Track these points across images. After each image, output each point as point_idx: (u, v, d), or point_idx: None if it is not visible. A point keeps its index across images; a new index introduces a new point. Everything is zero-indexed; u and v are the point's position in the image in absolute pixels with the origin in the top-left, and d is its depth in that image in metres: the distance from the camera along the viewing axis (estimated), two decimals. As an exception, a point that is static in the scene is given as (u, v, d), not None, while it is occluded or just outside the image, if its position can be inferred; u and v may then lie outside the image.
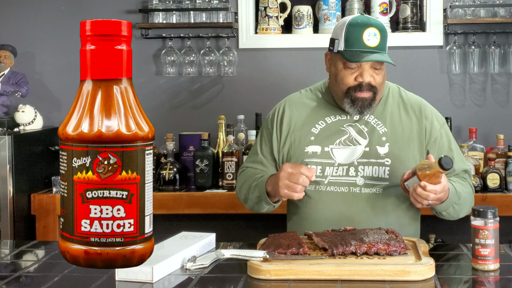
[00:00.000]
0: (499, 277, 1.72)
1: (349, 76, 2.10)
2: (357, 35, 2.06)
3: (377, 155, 2.14)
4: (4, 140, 3.10)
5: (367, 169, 2.14)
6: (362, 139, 2.16)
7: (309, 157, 2.17)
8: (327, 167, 2.15)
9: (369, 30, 2.06)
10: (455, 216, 2.14)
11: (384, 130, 2.17)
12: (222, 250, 1.87)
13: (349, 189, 2.14)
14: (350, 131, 2.17)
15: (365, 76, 2.08)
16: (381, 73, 2.12)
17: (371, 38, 2.06)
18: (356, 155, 2.15)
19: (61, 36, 3.60)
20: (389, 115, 2.19)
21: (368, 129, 2.17)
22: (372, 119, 2.18)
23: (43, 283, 1.71)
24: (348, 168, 2.14)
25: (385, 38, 2.10)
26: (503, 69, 3.43)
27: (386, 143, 2.15)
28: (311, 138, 2.19)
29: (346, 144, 2.16)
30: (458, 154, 2.23)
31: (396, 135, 2.16)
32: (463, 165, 2.22)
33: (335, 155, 2.16)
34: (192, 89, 3.61)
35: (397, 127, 2.17)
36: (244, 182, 2.24)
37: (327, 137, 2.18)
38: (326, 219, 2.13)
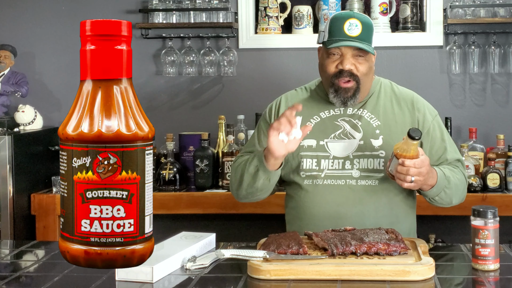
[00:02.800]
0: (499, 277, 1.72)
1: (331, 63, 2.17)
2: (339, 26, 2.15)
3: (372, 148, 2.19)
4: (4, 140, 3.10)
5: (362, 161, 2.18)
6: (356, 133, 2.21)
7: (305, 150, 2.21)
8: (322, 160, 2.19)
9: (350, 21, 2.14)
10: (447, 201, 2.16)
11: (377, 123, 2.21)
12: (222, 250, 1.87)
13: (346, 181, 2.18)
14: (344, 126, 2.22)
15: (345, 63, 2.14)
16: (365, 63, 2.16)
17: (352, 28, 2.14)
18: (351, 149, 2.19)
19: (61, 36, 3.60)
20: (382, 109, 2.23)
21: (362, 123, 2.21)
22: (366, 113, 2.23)
23: (43, 283, 1.71)
24: (344, 162, 2.19)
25: (368, 30, 2.16)
26: (503, 69, 3.43)
27: (380, 136, 2.19)
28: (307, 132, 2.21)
29: (340, 137, 2.21)
30: (451, 144, 2.26)
31: (390, 128, 2.21)
32: (455, 155, 2.25)
33: (330, 149, 2.21)
34: (192, 89, 3.61)
35: (390, 120, 2.21)
36: (238, 165, 2.22)
37: (322, 131, 2.22)
38: (324, 212, 2.17)
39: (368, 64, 2.17)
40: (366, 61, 2.17)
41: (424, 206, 2.36)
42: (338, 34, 2.14)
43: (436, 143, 2.22)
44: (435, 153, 2.22)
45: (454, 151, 2.27)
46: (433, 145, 2.22)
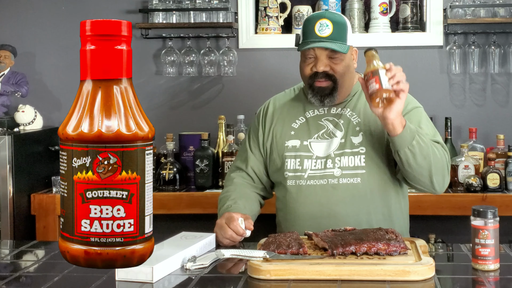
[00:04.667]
0: (499, 277, 1.72)
1: (306, 66, 2.21)
2: (311, 27, 2.17)
3: (352, 145, 2.19)
4: (4, 140, 3.10)
5: (343, 159, 2.18)
6: (338, 132, 2.22)
7: (289, 151, 2.24)
8: (305, 160, 2.21)
9: (320, 21, 2.16)
10: (413, 165, 2.03)
11: (358, 120, 2.22)
12: (222, 250, 1.87)
13: (328, 181, 2.18)
14: (327, 125, 2.24)
15: (318, 65, 2.17)
16: (340, 62, 2.18)
17: (322, 28, 2.15)
18: (333, 148, 2.20)
19: (61, 36, 3.60)
20: (363, 106, 2.24)
21: (343, 121, 2.23)
22: (348, 111, 2.25)
23: (43, 283, 1.71)
24: (326, 161, 2.19)
25: (341, 29, 2.16)
26: (503, 69, 3.43)
27: (360, 133, 2.20)
28: (291, 132, 2.27)
29: (324, 137, 2.22)
30: (430, 129, 2.17)
31: (369, 124, 2.21)
32: (433, 137, 2.14)
33: (313, 149, 2.22)
34: (192, 89, 3.61)
35: (370, 116, 2.21)
36: (221, 198, 2.30)
37: (306, 131, 2.25)
38: (308, 212, 2.18)
39: (344, 63, 2.18)
40: (342, 60, 2.18)
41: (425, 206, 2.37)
42: (310, 35, 2.16)
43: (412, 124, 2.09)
44: None
45: (433, 135, 2.16)
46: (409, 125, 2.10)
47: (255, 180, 2.33)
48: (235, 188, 2.29)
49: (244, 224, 2.05)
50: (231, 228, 2.03)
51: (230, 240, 2.04)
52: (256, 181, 2.34)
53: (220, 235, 2.05)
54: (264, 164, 2.33)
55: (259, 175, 2.33)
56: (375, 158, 2.18)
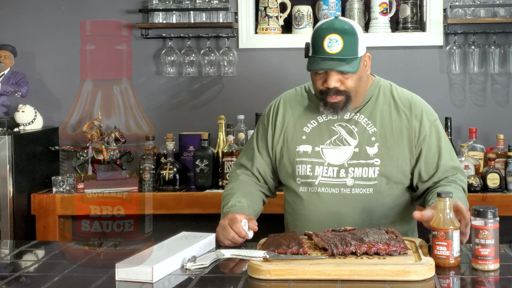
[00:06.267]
0: (499, 277, 1.72)
1: (318, 80, 2.14)
2: (319, 42, 2.08)
3: (367, 156, 2.16)
4: (4, 140, 3.10)
5: (357, 170, 2.16)
6: (352, 140, 2.18)
7: (300, 156, 2.20)
8: (317, 166, 2.18)
9: (330, 37, 2.06)
10: None
11: (374, 130, 2.18)
12: (222, 250, 1.87)
13: (340, 190, 2.16)
14: (340, 131, 2.19)
15: (330, 82, 2.10)
16: (351, 77, 2.10)
17: (332, 44, 2.06)
18: (346, 157, 2.17)
19: (61, 36, 3.60)
20: (379, 115, 2.20)
21: (358, 129, 2.19)
22: (363, 118, 2.20)
23: (43, 283, 1.71)
24: (339, 170, 2.16)
25: (351, 42, 2.07)
26: (503, 69, 3.43)
27: (376, 143, 2.17)
28: (303, 137, 2.22)
29: (336, 144, 2.19)
30: (447, 151, 2.21)
31: (386, 135, 2.17)
32: (451, 162, 2.20)
33: (325, 155, 2.19)
34: (192, 89, 3.61)
35: (386, 127, 2.18)
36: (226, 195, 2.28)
37: (318, 136, 2.20)
38: (319, 220, 2.17)
39: (356, 76, 2.11)
40: (354, 74, 2.10)
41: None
42: (319, 51, 2.08)
43: (432, 150, 2.18)
44: (431, 160, 2.18)
45: (450, 158, 2.21)
46: (429, 151, 2.18)
47: (260, 180, 2.32)
48: (240, 186, 2.27)
49: (247, 226, 2.05)
50: (234, 230, 2.02)
51: (231, 241, 2.03)
52: (261, 181, 2.33)
53: (222, 236, 2.04)
54: (270, 166, 2.31)
55: (264, 176, 2.32)
56: (389, 171, 2.15)
